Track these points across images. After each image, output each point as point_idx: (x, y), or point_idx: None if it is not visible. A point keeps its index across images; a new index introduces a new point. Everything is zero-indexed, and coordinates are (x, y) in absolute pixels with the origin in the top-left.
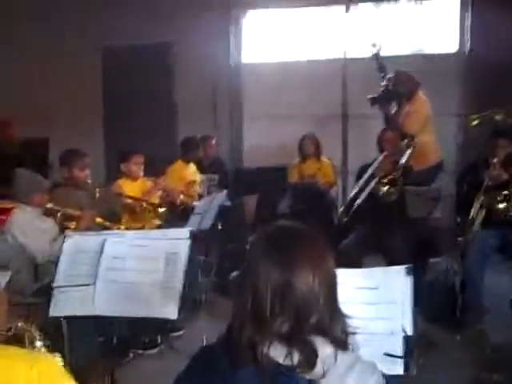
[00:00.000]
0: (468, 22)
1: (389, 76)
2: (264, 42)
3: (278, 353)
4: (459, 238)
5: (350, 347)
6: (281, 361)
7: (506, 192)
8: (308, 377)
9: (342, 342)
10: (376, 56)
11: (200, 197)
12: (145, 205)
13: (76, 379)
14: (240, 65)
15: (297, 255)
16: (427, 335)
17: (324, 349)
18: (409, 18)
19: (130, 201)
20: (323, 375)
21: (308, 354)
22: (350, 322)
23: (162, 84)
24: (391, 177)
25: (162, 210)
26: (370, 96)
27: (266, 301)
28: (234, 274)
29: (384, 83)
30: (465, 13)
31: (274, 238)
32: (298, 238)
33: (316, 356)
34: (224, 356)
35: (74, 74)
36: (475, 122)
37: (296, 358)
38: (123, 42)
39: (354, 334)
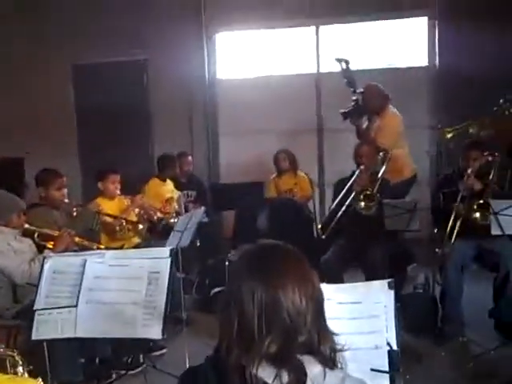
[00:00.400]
0: (436, 37)
1: (359, 90)
2: (238, 58)
3: (266, 374)
4: (437, 250)
5: (339, 365)
6: (270, 382)
7: (481, 201)
8: None
9: (330, 360)
10: (345, 71)
11: (177, 214)
12: (123, 223)
13: None
14: (215, 81)
15: (281, 274)
16: (410, 348)
17: (313, 368)
18: (378, 35)
19: (108, 219)
20: None
21: (297, 374)
22: (337, 338)
23: (136, 101)
24: (368, 192)
25: (141, 226)
26: (341, 110)
27: (253, 321)
28: (216, 290)
29: (354, 98)
30: (433, 28)
31: (257, 257)
32: (281, 256)
33: (305, 375)
34: (212, 377)
35: (47, 91)
36: (450, 135)
37: (285, 378)
38: (97, 59)
39: (341, 350)
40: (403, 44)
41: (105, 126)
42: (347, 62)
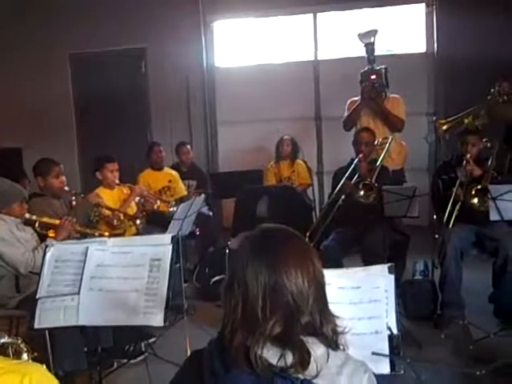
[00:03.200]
0: (434, 23)
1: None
2: (236, 46)
3: (271, 354)
4: (436, 236)
5: (341, 347)
6: (274, 362)
7: (479, 187)
8: (301, 377)
9: (333, 342)
10: (371, 45)
11: (176, 201)
12: (121, 216)
13: None
14: (213, 69)
15: (285, 256)
16: (411, 333)
17: (316, 348)
18: (376, 21)
19: (107, 212)
20: (316, 375)
21: (301, 355)
22: (338, 321)
23: (135, 90)
24: (367, 182)
25: (139, 221)
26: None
27: (257, 303)
28: (216, 278)
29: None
30: (431, 14)
31: (260, 240)
32: (284, 239)
33: (309, 356)
34: (216, 359)
35: (44, 81)
36: (445, 127)
37: (290, 358)
38: (95, 48)
39: (343, 333)
40: (401, 30)
41: (103, 115)
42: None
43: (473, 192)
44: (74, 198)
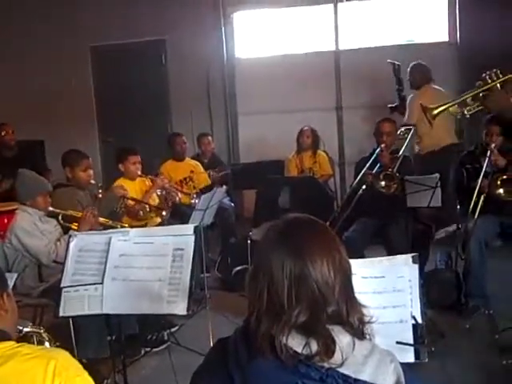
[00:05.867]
0: (457, 12)
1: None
2: (256, 36)
3: (296, 343)
4: (460, 226)
5: (367, 336)
6: (299, 350)
7: (504, 177)
8: (326, 365)
9: (359, 331)
10: (396, 71)
11: (197, 193)
12: (147, 208)
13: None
14: (233, 60)
15: (310, 246)
16: (435, 323)
17: (342, 337)
18: (398, 10)
19: (132, 203)
20: (342, 364)
21: (326, 343)
22: (365, 310)
23: (155, 81)
24: (388, 172)
25: (164, 213)
26: (389, 105)
27: (283, 292)
28: (238, 268)
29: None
30: (453, 3)
31: (286, 229)
32: (310, 228)
33: (334, 345)
34: (241, 347)
35: (66, 74)
36: (436, 112)
37: (314, 347)
38: (116, 41)
39: (370, 322)
40: (423, 19)
41: (124, 107)
42: (399, 65)
43: (498, 182)
44: (100, 190)
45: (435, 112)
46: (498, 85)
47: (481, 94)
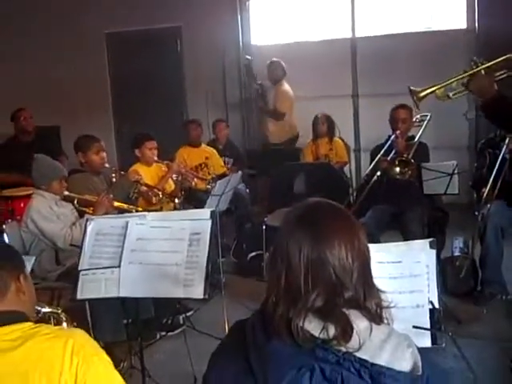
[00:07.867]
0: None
1: None
2: (272, 23)
3: (313, 326)
4: (476, 213)
5: (386, 321)
6: (316, 334)
7: None
8: (343, 349)
9: (376, 316)
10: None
11: (213, 178)
12: (160, 195)
13: None
14: (249, 46)
15: (328, 230)
16: (451, 310)
17: (359, 322)
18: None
19: (146, 189)
20: (359, 348)
21: (344, 327)
22: (383, 296)
23: (170, 68)
24: (403, 158)
25: (177, 200)
26: None
27: (300, 276)
28: (253, 254)
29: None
30: None
31: (305, 213)
32: (329, 213)
33: (352, 329)
34: (259, 329)
35: (82, 60)
36: (423, 94)
37: (332, 331)
38: (131, 27)
39: (387, 307)
40: (441, 7)
41: (139, 94)
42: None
43: None
44: (114, 174)
45: (422, 94)
46: (483, 71)
47: (465, 80)
